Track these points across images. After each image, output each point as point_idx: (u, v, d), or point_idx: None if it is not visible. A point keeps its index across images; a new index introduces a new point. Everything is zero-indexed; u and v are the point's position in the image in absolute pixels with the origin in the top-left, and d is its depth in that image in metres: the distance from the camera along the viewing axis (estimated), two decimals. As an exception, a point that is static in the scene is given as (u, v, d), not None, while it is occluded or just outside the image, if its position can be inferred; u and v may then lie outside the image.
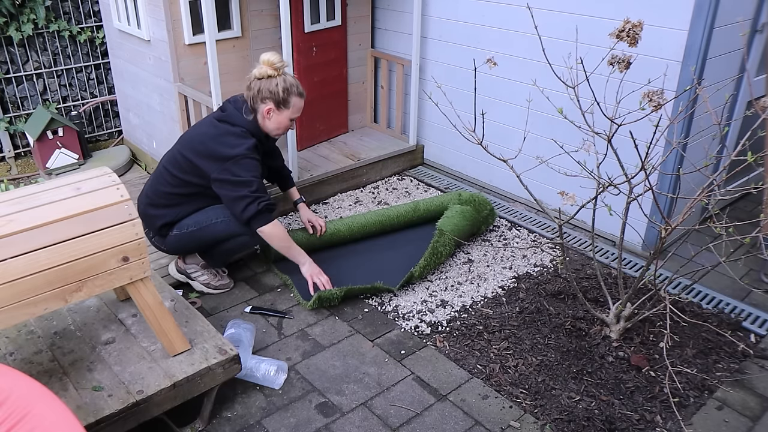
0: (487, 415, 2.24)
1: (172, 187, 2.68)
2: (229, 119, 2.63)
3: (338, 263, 3.07)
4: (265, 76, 2.59)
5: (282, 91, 2.59)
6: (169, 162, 2.69)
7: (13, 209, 1.72)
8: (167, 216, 2.71)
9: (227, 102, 2.72)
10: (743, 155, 2.05)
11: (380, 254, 3.18)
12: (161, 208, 2.71)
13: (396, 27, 4.07)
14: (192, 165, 2.61)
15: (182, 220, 2.71)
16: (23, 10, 3.87)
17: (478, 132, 2.49)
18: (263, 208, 2.61)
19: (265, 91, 2.60)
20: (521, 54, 3.41)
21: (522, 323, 2.69)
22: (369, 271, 3.01)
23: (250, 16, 3.59)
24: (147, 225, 2.74)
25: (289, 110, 2.66)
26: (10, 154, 4.13)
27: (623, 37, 2.11)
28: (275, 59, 2.58)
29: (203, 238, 2.73)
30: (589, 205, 2.36)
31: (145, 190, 2.78)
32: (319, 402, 2.30)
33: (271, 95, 2.60)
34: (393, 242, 3.28)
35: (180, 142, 2.72)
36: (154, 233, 2.78)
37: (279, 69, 2.60)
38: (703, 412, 2.26)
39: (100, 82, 4.37)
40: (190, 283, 2.88)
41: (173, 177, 2.66)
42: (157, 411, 2.00)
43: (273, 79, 2.59)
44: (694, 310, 2.76)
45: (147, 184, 2.79)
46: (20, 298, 1.71)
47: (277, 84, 2.59)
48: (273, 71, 2.58)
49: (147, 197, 2.75)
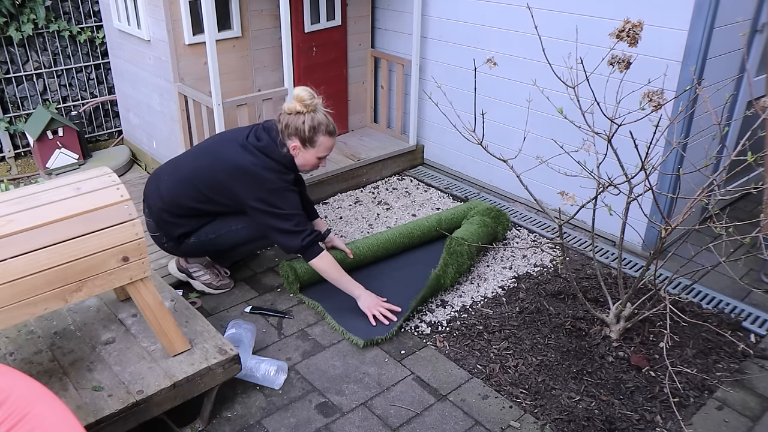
0: (487, 415, 2.24)
1: (197, 202, 2.59)
2: (268, 152, 2.53)
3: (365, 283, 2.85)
4: (293, 111, 2.50)
5: (308, 129, 2.50)
6: (197, 177, 2.57)
7: (13, 209, 1.72)
8: (186, 226, 2.66)
9: (263, 130, 2.59)
10: (743, 155, 2.05)
11: (400, 271, 3.03)
12: (181, 218, 2.64)
13: (396, 27, 4.07)
14: (225, 187, 2.53)
15: (201, 228, 2.68)
16: (23, 10, 3.87)
17: (478, 132, 2.49)
18: (308, 243, 2.56)
19: (292, 127, 2.51)
20: (521, 54, 3.41)
21: (522, 323, 2.69)
22: (398, 288, 2.86)
23: (250, 16, 3.59)
24: (161, 229, 2.68)
25: (315, 149, 2.56)
26: (10, 154, 4.13)
27: (623, 37, 2.11)
28: (305, 95, 2.48)
29: (223, 244, 2.71)
30: (589, 205, 2.36)
31: (160, 194, 2.63)
32: (319, 402, 2.30)
33: (297, 132, 2.51)
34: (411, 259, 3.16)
35: (211, 153, 2.60)
36: (168, 239, 2.70)
37: (308, 106, 2.49)
38: (703, 412, 2.26)
39: (100, 82, 4.37)
40: (190, 282, 2.88)
41: (200, 193, 2.57)
42: (157, 411, 2.00)
43: (301, 116, 2.50)
44: (694, 310, 2.76)
45: (163, 186, 2.64)
46: (20, 298, 1.71)
47: (304, 122, 2.49)
48: (302, 108, 2.49)
49: (164, 203, 2.62)
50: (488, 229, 3.15)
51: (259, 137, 2.58)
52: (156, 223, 2.68)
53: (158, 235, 2.72)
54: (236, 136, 2.62)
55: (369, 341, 2.54)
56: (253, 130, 2.62)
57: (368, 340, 2.54)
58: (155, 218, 2.68)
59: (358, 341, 2.55)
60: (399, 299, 2.76)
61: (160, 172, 2.73)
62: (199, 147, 2.76)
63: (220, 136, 2.74)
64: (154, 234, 2.75)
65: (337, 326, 2.64)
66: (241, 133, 2.63)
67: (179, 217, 2.64)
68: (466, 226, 3.15)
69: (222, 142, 2.64)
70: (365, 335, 2.57)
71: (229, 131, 2.76)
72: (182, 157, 2.76)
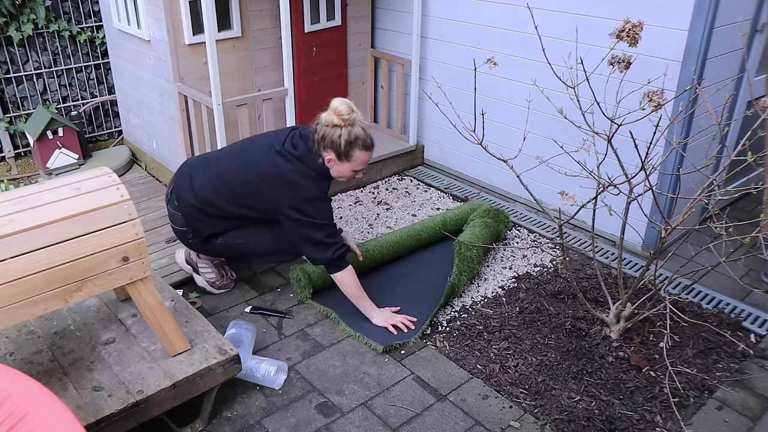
0: (487, 415, 2.24)
1: (230, 204, 2.58)
2: (304, 160, 2.50)
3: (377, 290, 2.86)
4: (330, 124, 2.45)
5: (344, 143, 2.45)
6: (232, 179, 2.55)
7: (13, 209, 1.72)
8: (217, 227, 2.65)
9: (299, 138, 2.55)
10: (743, 155, 2.05)
11: (410, 276, 3.02)
12: (213, 218, 2.62)
13: (396, 27, 4.07)
14: (259, 193, 2.52)
15: (230, 231, 2.67)
16: (23, 10, 3.87)
17: (478, 132, 2.49)
18: (339, 256, 2.54)
19: (328, 140, 2.46)
20: (521, 54, 3.41)
21: (522, 323, 2.69)
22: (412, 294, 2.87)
23: (250, 16, 3.59)
24: (190, 226, 2.65)
25: (351, 163, 2.51)
26: (10, 154, 4.13)
27: (623, 37, 2.11)
28: (344, 110, 2.43)
29: (248, 251, 2.70)
30: (589, 205, 2.36)
31: (194, 190, 2.59)
32: (319, 402, 2.30)
33: (333, 145, 2.46)
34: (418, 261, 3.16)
35: (247, 155, 2.57)
36: (195, 236, 2.68)
37: (346, 121, 2.44)
38: (703, 412, 2.26)
39: (100, 82, 4.37)
40: (193, 276, 2.87)
41: (234, 196, 2.56)
42: (157, 411, 2.00)
43: (338, 129, 2.44)
44: (694, 310, 2.76)
45: (196, 183, 2.60)
46: (20, 298, 1.71)
47: (341, 135, 2.44)
48: (339, 121, 2.43)
49: (195, 197, 2.59)
50: (491, 230, 3.17)
51: (295, 145, 2.53)
52: (185, 218, 2.64)
53: (185, 230, 2.68)
54: (272, 141, 2.57)
55: (388, 347, 2.54)
56: (290, 137, 2.57)
57: (387, 346, 2.53)
58: (185, 213, 2.64)
59: (377, 347, 2.53)
60: (414, 307, 2.76)
61: (191, 165, 2.69)
62: (233, 147, 2.71)
63: (255, 139, 2.70)
64: (180, 228, 2.70)
65: (353, 333, 2.62)
66: (277, 138, 2.58)
67: (211, 217, 2.62)
68: (470, 229, 3.15)
69: (257, 147, 2.60)
70: (384, 341, 2.56)
71: (264, 135, 2.72)
72: (215, 155, 2.71)
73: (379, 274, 3.02)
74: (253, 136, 2.80)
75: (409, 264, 3.12)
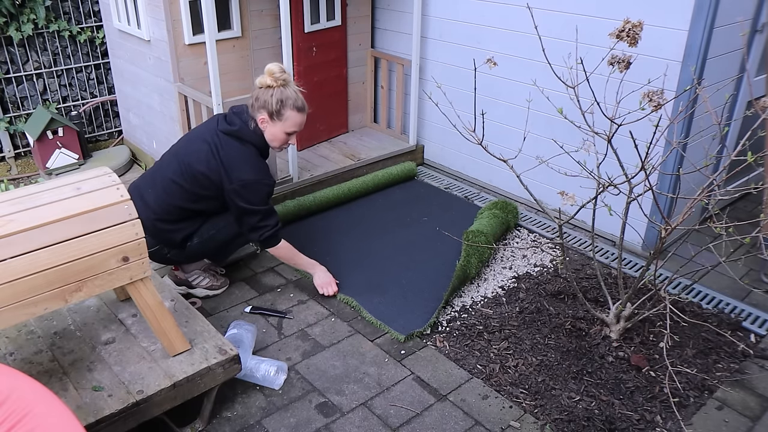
0: (487, 415, 2.24)
1: (187, 201, 2.60)
2: (239, 134, 2.58)
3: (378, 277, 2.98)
4: (264, 85, 2.55)
5: (276, 102, 2.53)
6: (178, 175, 2.58)
7: (13, 209, 1.72)
8: (187, 229, 2.66)
9: (233, 114, 2.64)
10: (743, 155, 2.05)
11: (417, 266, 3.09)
12: (177, 222, 2.63)
13: (396, 27, 4.07)
14: (206, 179, 2.56)
15: (201, 227, 2.68)
16: (23, 10, 3.87)
17: (478, 132, 2.49)
18: (266, 238, 2.66)
19: (261, 100, 2.56)
20: (521, 54, 3.41)
21: (522, 323, 2.69)
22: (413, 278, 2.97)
23: (250, 16, 3.59)
24: (161, 241, 2.64)
25: (282, 123, 2.58)
26: (10, 154, 4.13)
27: (623, 37, 2.11)
28: (276, 69, 2.53)
29: (224, 238, 2.72)
30: (589, 205, 2.36)
31: (148, 205, 2.58)
32: (319, 402, 2.30)
33: (265, 105, 2.55)
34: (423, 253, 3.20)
35: (184, 152, 2.62)
36: (171, 247, 2.68)
37: (278, 80, 2.53)
38: (703, 412, 2.26)
39: (100, 82, 4.37)
40: (191, 293, 2.86)
41: (186, 192, 2.58)
42: (157, 411, 2.00)
43: (270, 89, 2.54)
44: (694, 310, 2.76)
45: (149, 197, 2.62)
46: (20, 298, 1.71)
47: (272, 95, 2.53)
48: (272, 81, 2.53)
49: (154, 212, 2.59)
50: (499, 220, 3.29)
51: (230, 122, 2.62)
52: (152, 236, 2.59)
53: (158, 249, 2.67)
54: (204, 130, 2.66)
55: (410, 335, 2.60)
56: (223, 118, 2.65)
57: (409, 335, 2.59)
58: (151, 232, 2.57)
59: (399, 336, 2.59)
60: (429, 290, 2.88)
61: (138, 186, 2.69)
62: (167, 155, 2.72)
63: (188, 136, 2.76)
64: (152, 249, 2.65)
65: (375, 321, 2.69)
66: (208, 126, 2.67)
67: (177, 222, 2.63)
68: (478, 219, 3.30)
69: (196, 141, 2.65)
70: (405, 330, 2.62)
71: (195, 129, 2.78)
72: (155, 168, 2.72)
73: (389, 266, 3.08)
74: (184, 136, 2.83)
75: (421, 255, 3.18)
